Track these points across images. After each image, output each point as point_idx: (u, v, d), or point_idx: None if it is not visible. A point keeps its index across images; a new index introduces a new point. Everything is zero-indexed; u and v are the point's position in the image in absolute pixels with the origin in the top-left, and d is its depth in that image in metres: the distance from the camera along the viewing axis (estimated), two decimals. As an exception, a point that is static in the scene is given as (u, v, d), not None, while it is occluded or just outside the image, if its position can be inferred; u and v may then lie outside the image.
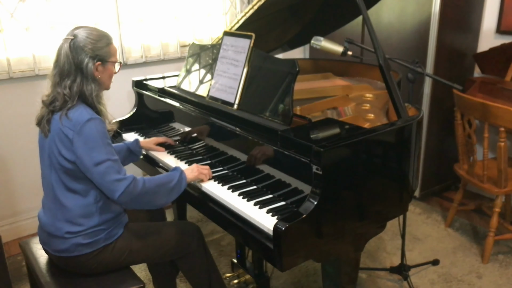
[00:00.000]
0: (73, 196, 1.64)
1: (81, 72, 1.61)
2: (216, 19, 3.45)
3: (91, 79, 1.63)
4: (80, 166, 1.58)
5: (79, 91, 1.61)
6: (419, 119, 1.73)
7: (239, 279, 2.17)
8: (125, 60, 3.06)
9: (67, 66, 1.61)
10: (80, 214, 1.64)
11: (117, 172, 1.58)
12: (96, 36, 1.64)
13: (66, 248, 1.64)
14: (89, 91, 1.63)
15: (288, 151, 1.54)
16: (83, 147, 1.56)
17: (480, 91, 2.87)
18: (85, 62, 1.61)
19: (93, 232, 1.65)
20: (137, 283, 1.67)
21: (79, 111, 1.60)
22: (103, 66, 1.66)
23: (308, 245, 1.46)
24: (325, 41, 2.03)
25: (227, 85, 1.96)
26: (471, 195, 3.28)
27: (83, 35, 1.62)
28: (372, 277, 2.48)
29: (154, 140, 2.16)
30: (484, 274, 2.50)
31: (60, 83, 1.62)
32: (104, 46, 1.65)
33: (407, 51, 3.06)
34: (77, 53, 1.60)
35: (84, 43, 1.61)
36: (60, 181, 1.65)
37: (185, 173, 1.73)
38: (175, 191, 1.69)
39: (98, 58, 1.63)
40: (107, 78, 1.71)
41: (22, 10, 2.64)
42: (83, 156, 1.56)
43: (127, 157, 2.08)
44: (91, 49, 1.61)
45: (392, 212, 1.76)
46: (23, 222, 2.91)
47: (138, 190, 1.59)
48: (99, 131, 1.59)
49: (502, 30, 3.00)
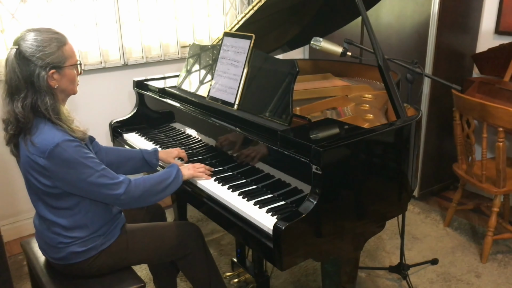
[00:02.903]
0: (60, 213, 1.56)
1: (32, 85, 1.42)
2: (216, 19, 3.46)
3: (46, 92, 1.44)
4: (64, 186, 1.48)
5: (32, 108, 1.43)
6: (418, 119, 1.74)
7: (239, 278, 2.18)
8: (126, 61, 3.06)
9: (15, 81, 1.42)
10: (70, 227, 1.58)
11: (110, 178, 1.52)
12: (44, 40, 1.43)
13: (62, 256, 1.62)
14: (44, 106, 1.43)
15: (287, 151, 1.55)
16: (62, 169, 1.44)
17: (479, 91, 2.87)
18: (36, 73, 1.41)
19: (88, 240, 1.61)
20: (137, 283, 1.67)
21: (43, 134, 1.44)
22: (59, 73, 1.47)
23: (308, 244, 1.46)
24: (324, 42, 2.04)
25: (227, 85, 1.97)
26: (470, 195, 3.29)
27: (28, 42, 1.42)
28: (372, 276, 2.49)
29: (175, 153, 1.97)
30: (482, 273, 2.50)
31: (10, 102, 1.45)
32: (56, 50, 1.45)
33: (406, 51, 3.07)
34: (26, 65, 1.41)
35: (31, 52, 1.41)
36: (43, 203, 1.56)
37: (181, 170, 1.73)
38: (171, 187, 1.69)
39: (51, 66, 1.43)
40: (68, 84, 1.52)
41: (23, 10, 2.65)
42: (65, 177, 1.45)
43: (139, 167, 1.93)
44: (40, 57, 1.41)
45: (391, 211, 1.77)
46: (25, 222, 2.91)
47: (139, 189, 1.59)
48: (73, 151, 1.44)
49: (500, 30, 3.00)
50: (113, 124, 2.50)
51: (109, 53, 3.02)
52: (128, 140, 2.38)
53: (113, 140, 2.51)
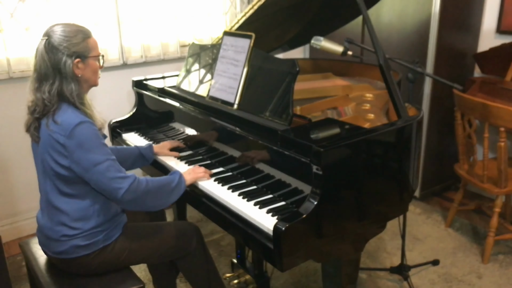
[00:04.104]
0: (69, 200, 1.62)
1: (59, 72, 1.55)
2: (216, 19, 3.45)
3: (71, 79, 1.56)
4: (77, 169, 1.54)
5: (58, 93, 1.55)
6: (419, 119, 1.73)
7: (239, 279, 2.17)
8: (125, 60, 3.05)
9: (44, 69, 1.55)
10: (76, 217, 1.62)
11: (118, 170, 1.56)
12: (71, 31, 1.56)
13: (64, 250, 1.63)
14: (69, 91, 1.55)
15: (288, 151, 1.54)
16: (78, 150, 1.51)
17: (480, 91, 2.86)
18: (63, 61, 1.54)
19: (91, 234, 1.63)
20: (137, 283, 1.67)
21: (66, 114, 1.54)
22: (84, 62, 1.59)
23: (308, 245, 1.45)
24: (325, 41, 2.03)
25: (227, 85, 1.96)
26: (471, 195, 3.28)
27: (57, 33, 1.55)
28: (372, 277, 2.48)
29: (168, 145, 2.10)
30: (484, 274, 2.49)
31: (39, 88, 1.56)
32: (81, 41, 1.57)
33: (407, 51, 3.06)
34: (54, 53, 1.54)
35: (59, 41, 1.54)
36: (55, 187, 1.61)
37: (184, 176, 1.73)
38: (175, 192, 1.69)
39: (76, 55, 1.56)
40: (91, 74, 1.63)
41: (22, 10, 2.64)
42: (80, 159, 1.52)
43: (137, 162, 2.03)
44: (67, 47, 1.54)
45: (392, 212, 1.76)
46: (23, 222, 2.90)
47: (142, 188, 1.58)
48: (92, 134, 1.54)
49: (502, 30, 3.00)
50: (112, 124, 2.49)
51: (108, 53, 3.00)
52: (127, 140, 2.37)
53: (112, 140, 2.51)
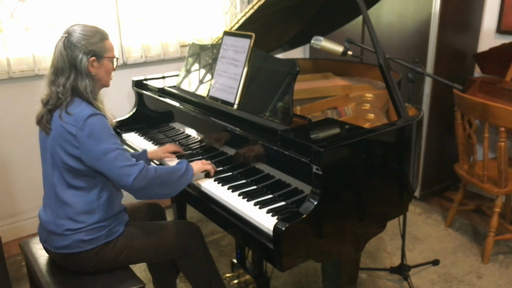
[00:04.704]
0: (75, 193, 1.65)
1: (75, 68, 1.61)
2: (216, 19, 3.45)
3: (86, 75, 1.62)
4: (87, 159, 1.58)
5: (72, 88, 1.61)
6: (419, 119, 1.73)
7: (239, 279, 2.17)
8: (125, 60, 3.05)
9: (61, 64, 1.61)
10: (82, 210, 1.64)
11: (127, 159, 1.59)
12: (90, 31, 1.64)
13: (67, 245, 1.64)
14: (83, 86, 1.62)
15: (288, 151, 1.54)
16: (89, 140, 1.55)
17: (480, 91, 2.86)
18: (79, 57, 1.60)
19: (95, 228, 1.65)
20: (137, 283, 1.67)
21: (80, 106, 1.60)
22: (99, 62, 1.65)
23: (308, 245, 1.45)
24: (325, 41, 2.03)
25: (227, 85, 1.96)
26: (471, 195, 3.28)
27: (77, 31, 1.62)
28: (372, 277, 2.48)
29: (164, 149, 2.07)
30: (484, 274, 2.49)
31: (55, 81, 1.62)
32: (98, 42, 1.64)
33: (407, 51, 3.06)
34: (71, 50, 1.60)
35: (77, 39, 1.60)
36: (63, 179, 1.64)
37: (190, 165, 1.75)
38: (183, 180, 1.69)
39: (92, 53, 1.62)
40: (104, 74, 1.69)
41: (22, 10, 2.64)
42: (91, 148, 1.56)
43: None
44: (84, 45, 1.60)
45: (392, 212, 1.76)
46: (23, 222, 2.90)
47: (151, 175, 1.60)
48: (103, 125, 1.59)
49: (502, 30, 2.99)
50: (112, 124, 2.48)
51: (108, 53, 3.00)
52: (127, 140, 2.37)
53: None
